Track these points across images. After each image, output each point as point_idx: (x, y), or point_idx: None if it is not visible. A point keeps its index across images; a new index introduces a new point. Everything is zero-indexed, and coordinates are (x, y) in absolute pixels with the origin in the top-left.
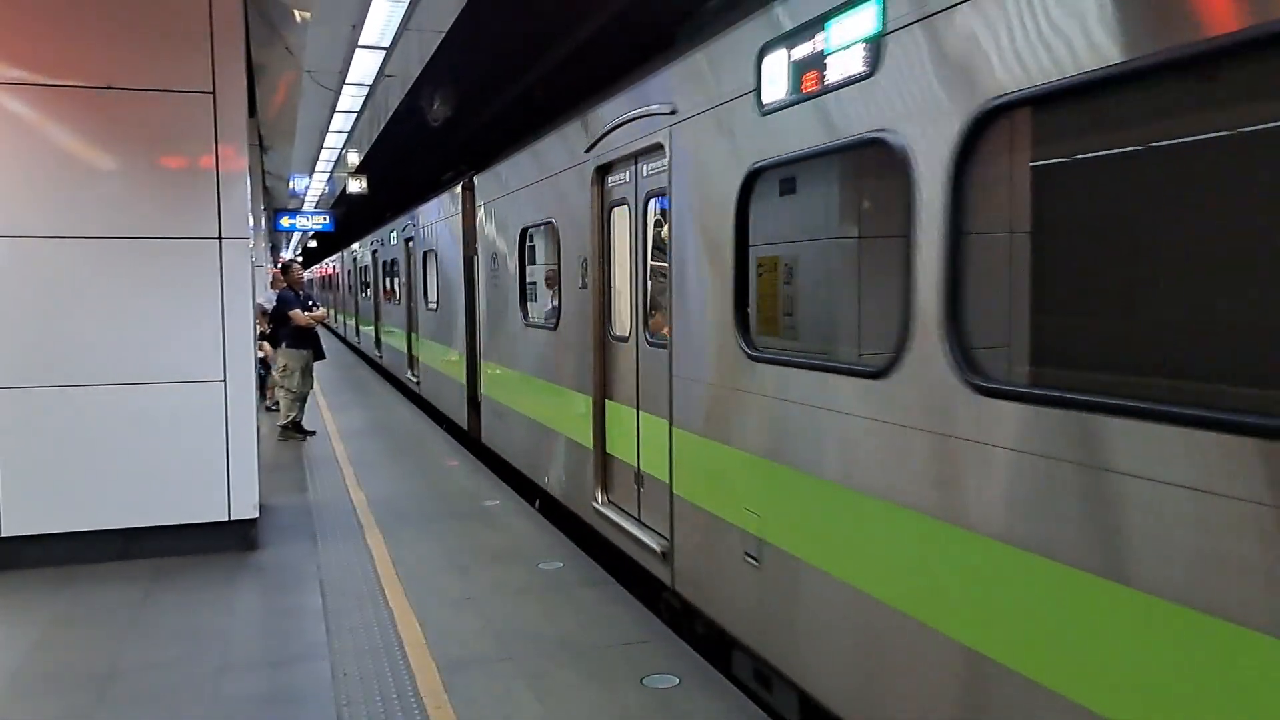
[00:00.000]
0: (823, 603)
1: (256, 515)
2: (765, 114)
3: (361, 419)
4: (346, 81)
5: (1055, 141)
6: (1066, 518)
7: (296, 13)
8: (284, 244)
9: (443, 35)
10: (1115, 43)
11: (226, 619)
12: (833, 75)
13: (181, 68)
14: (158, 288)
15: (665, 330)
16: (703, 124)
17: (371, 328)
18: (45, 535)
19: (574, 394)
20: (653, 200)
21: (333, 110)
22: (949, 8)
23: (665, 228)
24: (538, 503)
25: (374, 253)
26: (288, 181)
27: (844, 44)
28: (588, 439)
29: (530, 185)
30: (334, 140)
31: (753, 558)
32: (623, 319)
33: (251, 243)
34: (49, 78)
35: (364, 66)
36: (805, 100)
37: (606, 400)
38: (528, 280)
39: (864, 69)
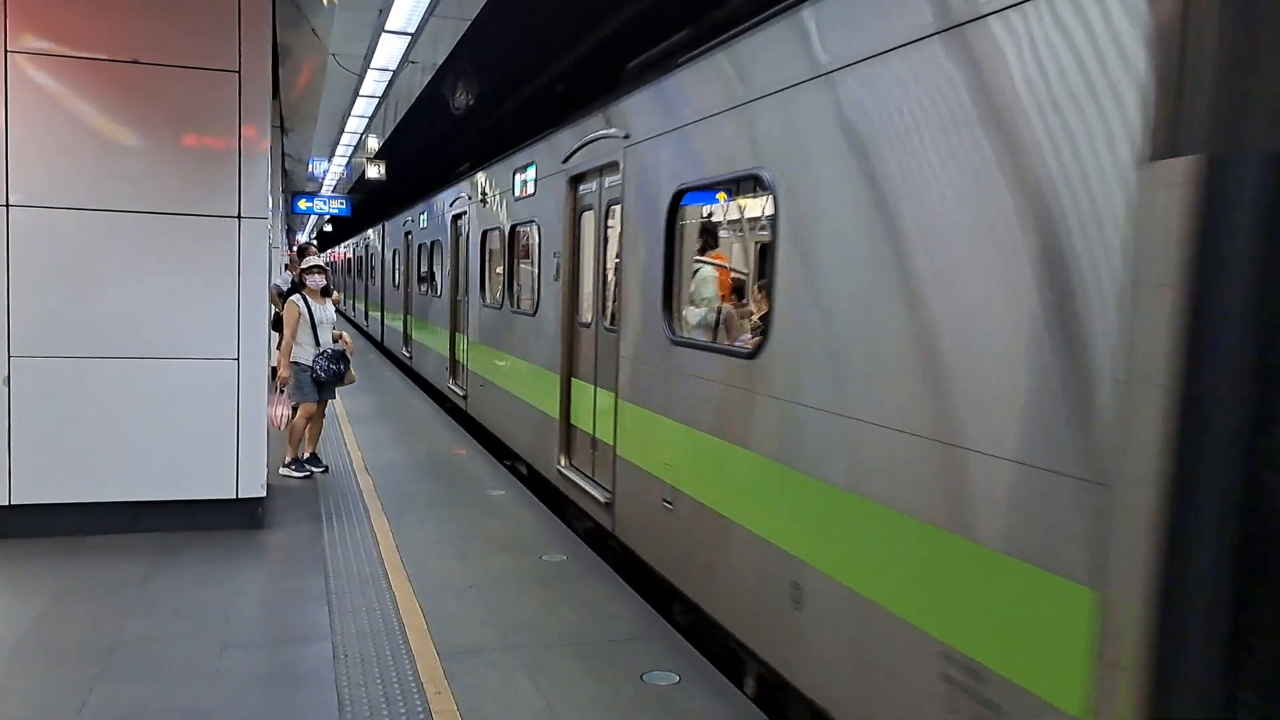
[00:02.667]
0: None
1: (264, 494)
2: None
3: (371, 403)
4: (370, 66)
5: None
6: None
7: None
8: (301, 227)
9: (468, 24)
10: None
11: (230, 596)
12: None
13: (209, 45)
14: (176, 263)
15: None
16: None
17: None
18: (54, 505)
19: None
20: None
21: (355, 94)
22: None
23: None
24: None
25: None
26: (307, 165)
27: None
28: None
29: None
30: (355, 125)
31: None
32: None
33: (270, 223)
34: (76, 49)
35: (388, 51)
36: None
37: None
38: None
39: None
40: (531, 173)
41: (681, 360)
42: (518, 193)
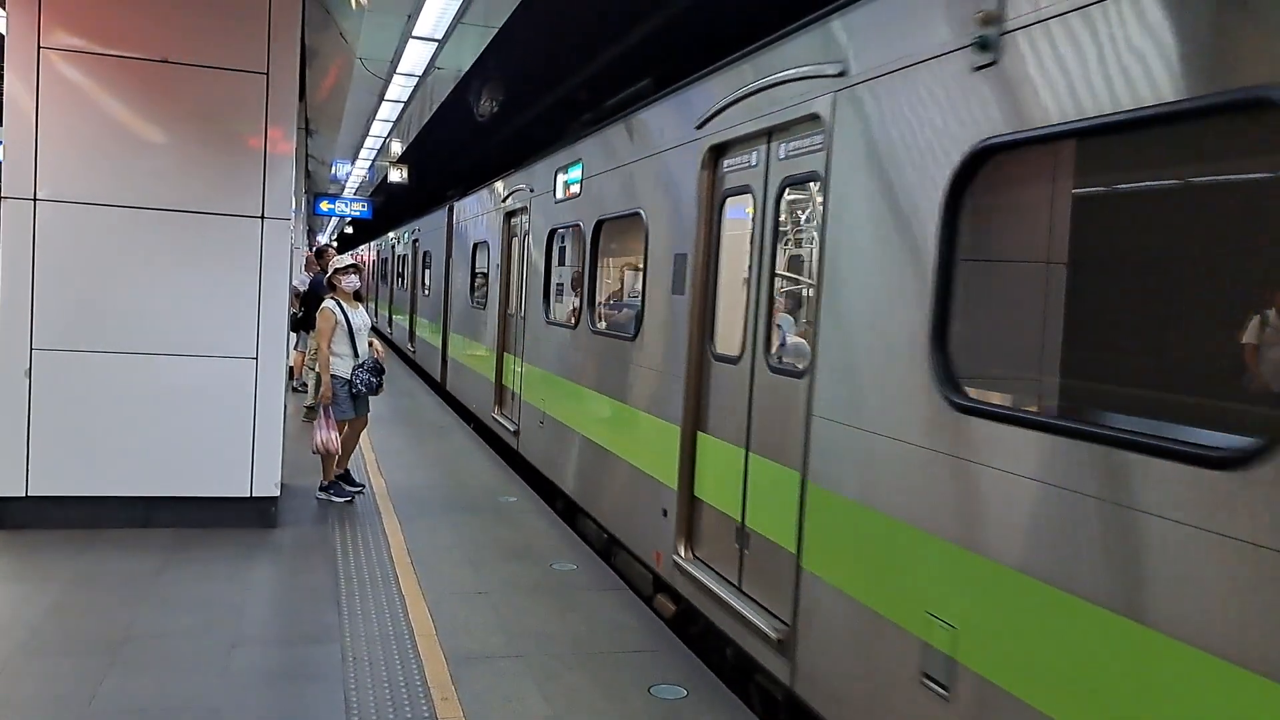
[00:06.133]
0: None
1: (278, 494)
2: None
3: (387, 406)
4: (397, 71)
5: None
6: None
7: (353, 0)
8: (322, 228)
9: (495, 31)
10: None
11: (241, 594)
12: None
13: (238, 47)
14: (199, 261)
15: None
16: None
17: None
18: (71, 498)
19: None
20: None
21: (381, 98)
22: None
23: None
24: None
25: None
26: (330, 167)
27: None
28: None
29: None
30: (379, 128)
31: None
32: None
33: (292, 224)
34: (108, 47)
35: (415, 57)
36: None
37: None
38: None
39: None
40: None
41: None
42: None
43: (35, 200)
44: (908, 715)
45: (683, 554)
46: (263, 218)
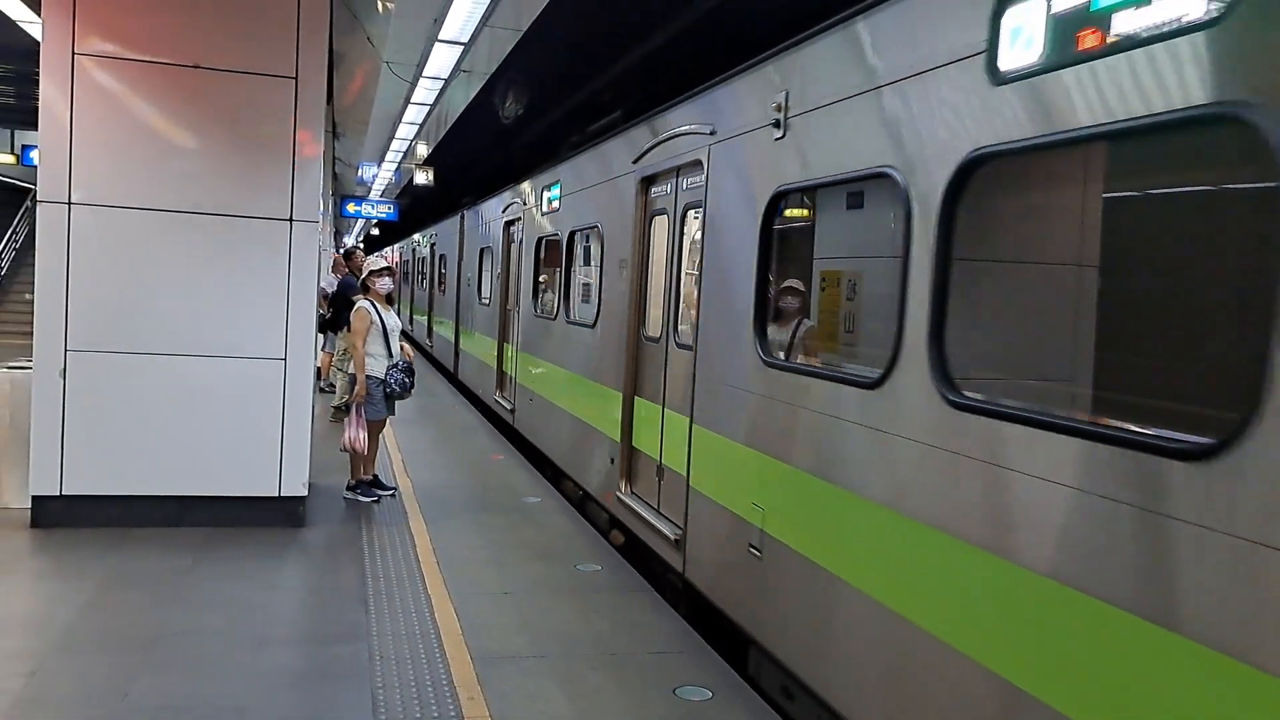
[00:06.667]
0: None
1: (306, 493)
2: None
3: (413, 406)
4: (423, 74)
5: None
6: None
7: (380, 4)
8: (348, 230)
9: (520, 34)
10: None
11: (270, 593)
12: None
13: (267, 52)
14: (228, 264)
15: None
16: None
17: None
18: (104, 496)
19: None
20: None
21: (407, 101)
22: None
23: None
24: None
25: None
26: (357, 169)
27: None
28: None
29: None
30: (405, 131)
31: None
32: None
33: (320, 226)
34: (140, 53)
35: (441, 60)
36: None
37: None
38: None
39: None
40: None
41: None
42: None
43: (70, 204)
44: (741, 576)
45: (624, 490)
46: (291, 220)
